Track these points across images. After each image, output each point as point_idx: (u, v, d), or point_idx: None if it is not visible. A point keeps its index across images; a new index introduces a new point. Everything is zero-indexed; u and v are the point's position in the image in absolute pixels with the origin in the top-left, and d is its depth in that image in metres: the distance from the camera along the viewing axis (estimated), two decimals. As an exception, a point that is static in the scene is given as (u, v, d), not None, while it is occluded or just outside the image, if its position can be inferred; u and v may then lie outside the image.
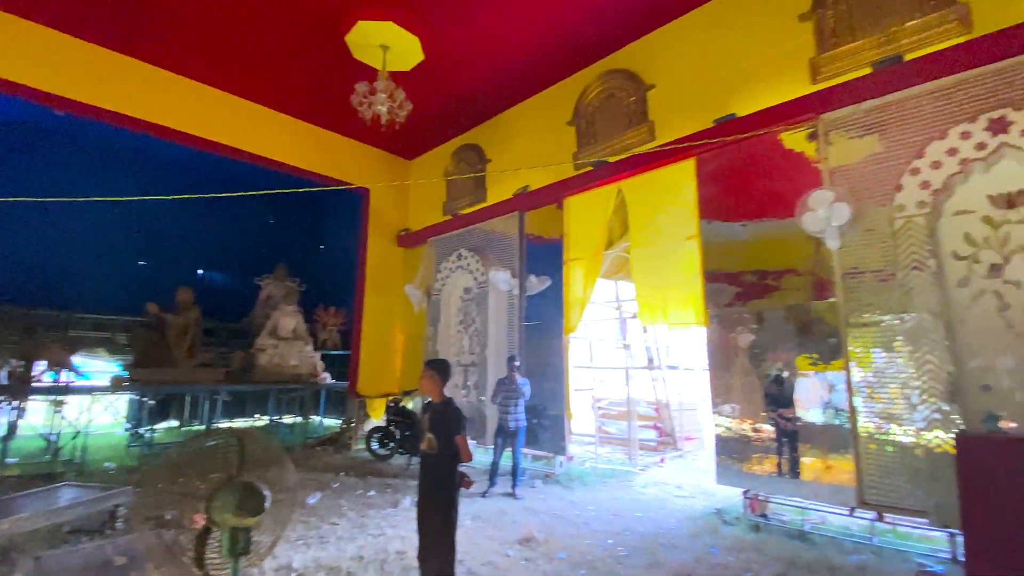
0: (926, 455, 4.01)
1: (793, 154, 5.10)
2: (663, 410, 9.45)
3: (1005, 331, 3.87)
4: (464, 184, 9.02)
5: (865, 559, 4.09)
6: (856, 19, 4.82)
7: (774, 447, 5.00)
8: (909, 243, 4.22)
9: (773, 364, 5.09)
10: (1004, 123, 3.89)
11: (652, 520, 5.27)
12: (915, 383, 4.13)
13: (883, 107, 4.55)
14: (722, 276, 5.48)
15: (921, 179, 4.21)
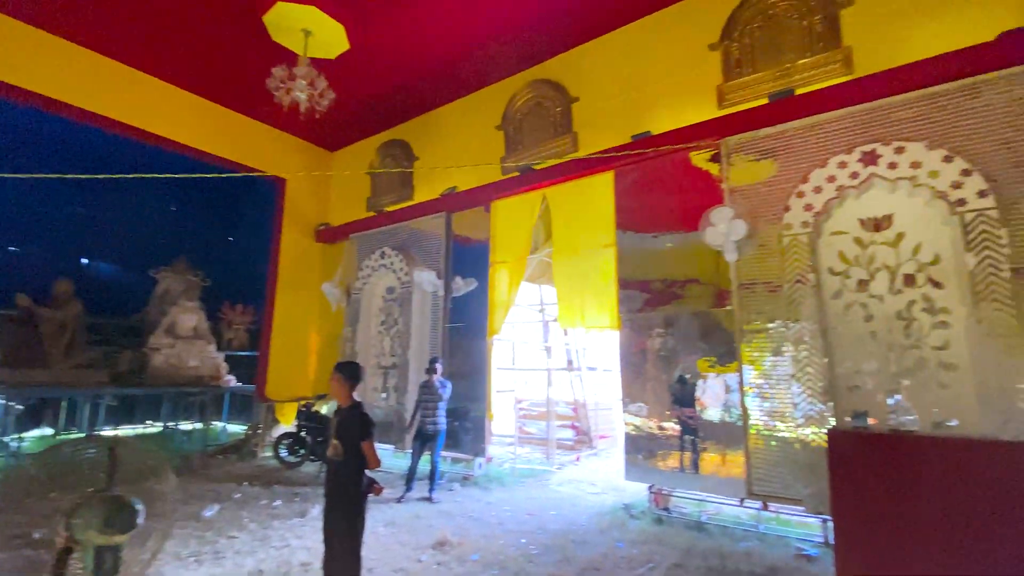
0: (804, 449, 4.47)
1: (700, 172, 5.50)
2: (580, 410, 9.77)
3: (870, 339, 4.43)
4: (390, 180, 8.79)
5: (752, 545, 4.48)
6: (757, 53, 5.30)
7: (677, 444, 5.34)
8: (794, 258, 4.70)
9: (678, 366, 5.44)
10: (874, 156, 4.45)
11: (565, 517, 5.42)
12: (797, 384, 4.59)
13: (777, 135, 5.04)
14: (634, 283, 5.78)
15: (805, 202, 4.70)
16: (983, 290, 3.89)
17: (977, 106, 4.18)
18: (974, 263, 3.94)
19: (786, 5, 5.16)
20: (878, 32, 4.68)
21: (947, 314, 4.13)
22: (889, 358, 4.31)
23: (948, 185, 4.10)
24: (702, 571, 3.97)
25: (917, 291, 4.27)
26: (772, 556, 4.23)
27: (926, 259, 4.28)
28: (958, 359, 4.06)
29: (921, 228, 4.32)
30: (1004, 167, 4.00)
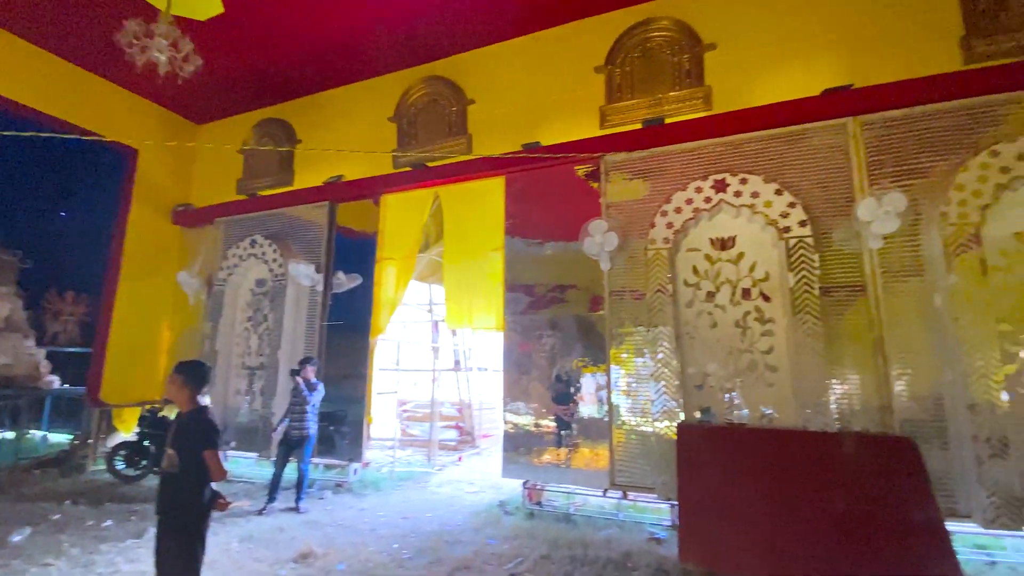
0: (658, 442, 4.95)
1: (583, 186, 5.84)
2: (465, 410, 9.83)
3: (714, 344, 5.04)
4: (267, 162, 8.08)
5: (612, 533, 4.85)
6: (636, 80, 5.78)
7: (552, 440, 5.61)
8: (656, 270, 5.20)
9: (557, 366, 5.71)
10: (724, 184, 5.09)
11: (440, 519, 5.40)
12: (655, 383, 5.07)
13: (649, 158, 5.54)
14: (520, 287, 5.97)
15: (667, 220, 5.23)
16: (800, 304, 4.64)
17: (803, 149, 4.98)
18: (794, 281, 4.68)
19: (661, 40, 5.70)
20: (733, 77, 5.37)
21: (773, 323, 4.86)
22: (728, 360, 4.95)
23: (778, 214, 4.83)
24: (567, 560, 4.20)
25: (751, 303, 4.97)
26: (628, 541, 4.62)
27: (760, 276, 4.99)
28: (780, 362, 4.79)
29: (757, 249, 5.03)
30: (820, 203, 4.82)
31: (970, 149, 4.36)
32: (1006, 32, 4.50)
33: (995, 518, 3.86)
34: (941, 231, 4.26)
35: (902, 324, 4.41)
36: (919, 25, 4.78)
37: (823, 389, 4.50)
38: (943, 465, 4.13)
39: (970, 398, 3.99)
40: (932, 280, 4.35)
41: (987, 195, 4.19)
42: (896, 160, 4.63)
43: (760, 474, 4.15)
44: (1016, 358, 4.10)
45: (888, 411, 4.34)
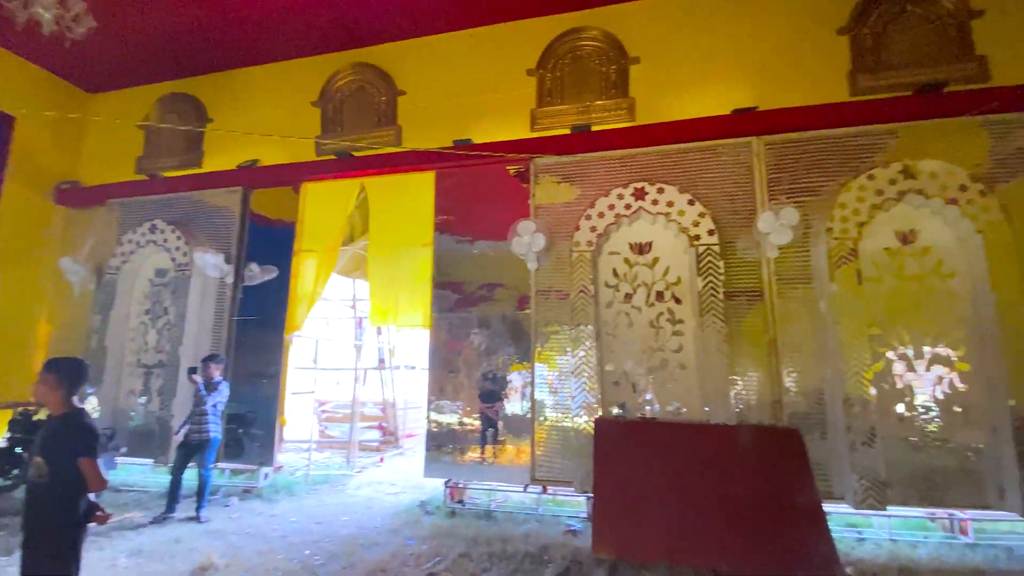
0: (576, 437, 5.11)
1: (514, 186, 5.90)
2: (389, 409, 9.59)
3: (631, 342, 5.30)
4: (172, 141, 7.39)
5: (531, 527, 4.94)
6: (566, 86, 5.93)
7: (477, 438, 5.62)
8: (580, 271, 5.37)
9: (484, 364, 5.72)
10: (643, 192, 5.36)
11: (357, 522, 5.23)
12: (576, 380, 5.24)
13: (576, 163, 5.71)
14: (448, 284, 5.93)
15: (591, 224, 5.42)
16: (706, 307, 4.99)
17: (714, 163, 5.36)
18: (701, 285, 5.03)
19: (591, 50, 5.90)
20: (654, 91, 5.66)
21: (683, 324, 5.20)
22: (643, 358, 5.23)
23: (690, 223, 5.17)
24: (485, 557, 4.22)
25: (664, 305, 5.28)
26: (546, 535, 4.73)
27: (672, 280, 5.32)
28: (688, 360, 5.13)
29: (670, 255, 5.36)
30: (726, 215, 5.21)
31: (852, 172, 4.92)
32: (886, 70, 5.12)
33: (864, 500, 4.38)
34: (827, 244, 4.77)
35: (792, 327, 4.89)
36: (815, 58, 5.31)
37: (726, 385, 4.87)
38: (823, 453, 4.63)
39: (845, 393, 4.51)
40: (818, 288, 4.87)
41: (864, 214, 4.74)
42: (792, 178, 5.12)
43: (668, 465, 4.41)
44: (883, 358, 4.69)
45: (779, 405, 4.79)
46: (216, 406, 5.37)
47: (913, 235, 4.83)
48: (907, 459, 4.52)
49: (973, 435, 4.46)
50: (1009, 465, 4.21)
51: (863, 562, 4.04)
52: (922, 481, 4.48)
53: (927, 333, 4.65)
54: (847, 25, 5.22)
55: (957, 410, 4.51)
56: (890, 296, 4.76)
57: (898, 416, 4.60)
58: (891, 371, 4.67)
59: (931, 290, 4.70)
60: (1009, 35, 4.85)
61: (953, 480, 4.44)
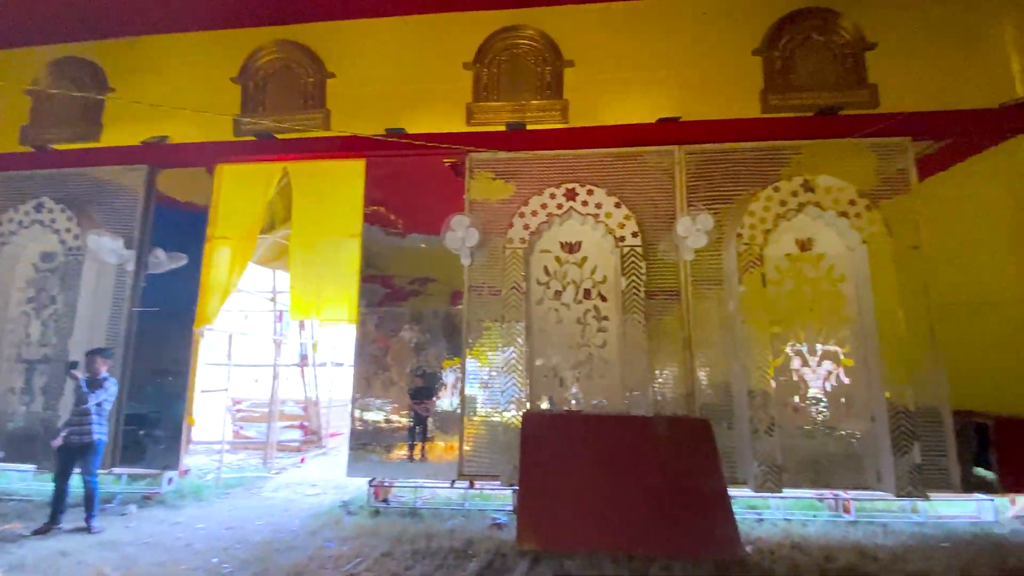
0: (505, 431, 5.17)
1: (448, 179, 5.84)
2: (311, 408, 9.18)
3: (558, 339, 5.43)
4: (66, 110, 6.57)
5: (457, 523, 4.93)
6: (502, 83, 5.95)
7: (405, 436, 5.50)
8: (512, 268, 5.43)
9: (415, 359, 5.62)
10: (574, 193, 5.50)
11: (273, 525, 4.96)
12: (507, 375, 5.29)
13: (511, 160, 5.75)
14: (377, 277, 5.76)
15: (524, 222, 5.49)
16: (629, 305, 5.22)
17: (639, 169, 5.61)
18: (625, 284, 5.26)
19: (527, 49, 5.95)
20: (587, 95, 5.82)
21: (607, 321, 5.41)
22: (570, 354, 5.38)
23: (616, 225, 5.38)
24: (408, 555, 4.16)
25: (591, 303, 5.47)
26: (472, 529, 4.74)
27: (599, 279, 5.51)
28: (611, 355, 5.34)
29: (598, 255, 5.55)
30: (649, 218, 5.47)
31: (761, 184, 5.34)
32: (792, 91, 5.59)
33: (763, 484, 4.79)
34: (736, 249, 5.15)
35: (705, 325, 5.25)
36: (733, 75, 5.70)
37: (645, 379, 5.12)
38: (729, 441, 5.00)
39: (750, 386, 4.90)
40: (728, 289, 5.25)
41: (769, 222, 5.17)
42: (709, 187, 5.48)
43: (590, 456, 4.58)
44: (783, 353, 5.15)
45: (692, 397, 5.11)
46: (101, 405, 4.86)
47: (810, 243, 5.34)
48: (801, 446, 4.99)
49: (855, 424, 5.01)
50: (885, 450, 4.77)
51: (761, 540, 4.42)
52: (813, 466, 4.96)
53: (819, 331, 5.16)
54: (760, 47, 5.65)
55: (842, 401, 5.05)
56: (789, 297, 5.24)
57: (794, 407, 5.07)
58: (789, 366, 5.14)
59: (824, 293, 5.23)
60: (897, 67, 5.47)
61: (839, 464, 4.96)
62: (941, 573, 3.65)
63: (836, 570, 3.75)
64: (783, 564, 3.85)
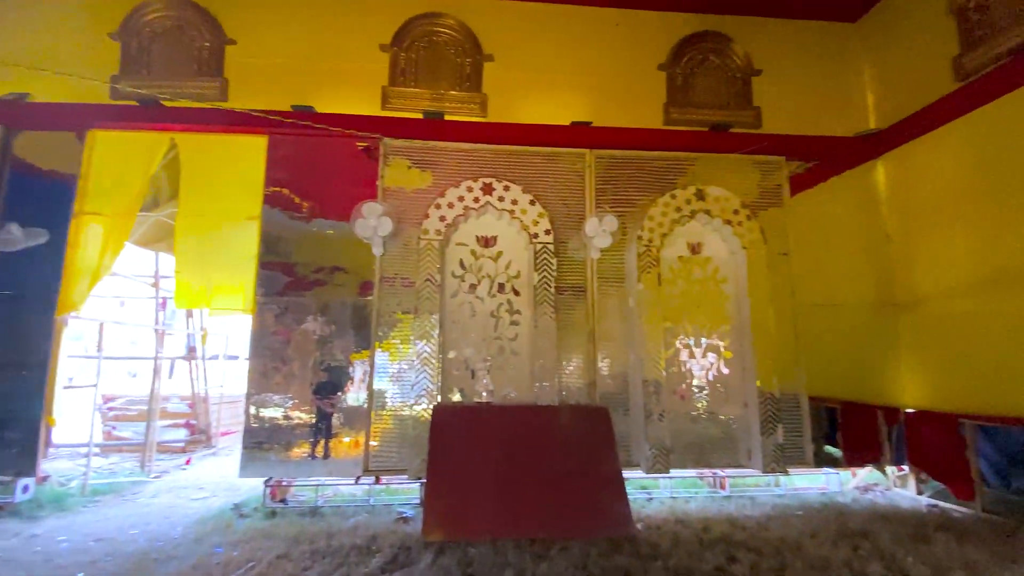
0: (414, 424, 5.13)
1: (361, 164, 5.62)
2: (199, 405, 8.43)
3: (472, 332, 5.49)
4: None
5: (361, 519, 4.82)
6: (420, 69, 5.83)
7: (306, 432, 5.24)
8: (427, 260, 5.37)
9: (320, 352, 5.36)
10: (491, 188, 5.56)
11: (151, 534, 4.52)
12: (419, 368, 5.24)
13: (428, 150, 5.67)
14: (278, 264, 5.40)
15: (441, 213, 5.45)
16: (540, 299, 5.41)
17: (554, 170, 5.80)
18: (537, 280, 5.43)
19: (447, 38, 5.89)
20: (505, 91, 5.88)
21: (519, 315, 5.55)
22: (482, 346, 5.46)
23: (531, 221, 5.53)
24: (307, 555, 4.00)
25: (504, 297, 5.58)
26: (376, 525, 4.66)
27: (513, 273, 5.64)
28: (522, 348, 5.50)
29: (513, 250, 5.67)
30: (561, 217, 5.69)
31: (660, 190, 5.77)
32: (691, 107, 6.07)
33: (653, 465, 5.21)
34: (637, 250, 5.53)
35: (608, 319, 5.59)
36: (641, 86, 6.06)
37: (553, 371, 5.34)
38: (625, 427, 5.38)
39: (644, 376, 5.31)
40: (629, 286, 5.62)
41: (666, 226, 5.62)
42: (615, 190, 5.81)
43: (497, 446, 4.70)
44: (673, 346, 5.63)
45: (593, 387, 5.42)
46: None
47: (699, 247, 5.88)
48: (686, 430, 5.51)
49: (731, 409, 5.62)
50: (755, 432, 5.41)
51: (650, 517, 4.82)
52: (696, 447, 5.50)
53: (704, 326, 5.72)
54: (665, 63, 6.08)
55: (721, 390, 5.64)
56: (680, 296, 5.74)
57: (681, 395, 5.58)
58: (678, 358, 5.64)
59: (709, 292, 5.79)
60: (777, 93, 6.14)
61: (717, 445, 5.54)
62: (795, 536, 4.24)
63: (711, 539, 4.19)
64: (667, 537, 4.24)
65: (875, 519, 4.68)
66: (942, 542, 4.00)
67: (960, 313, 5.09)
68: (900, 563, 3.68)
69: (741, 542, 4.11)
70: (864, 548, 3.93)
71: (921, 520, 4.60)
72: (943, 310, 5.27)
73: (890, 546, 3.95)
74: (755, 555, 3.87)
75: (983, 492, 4.90)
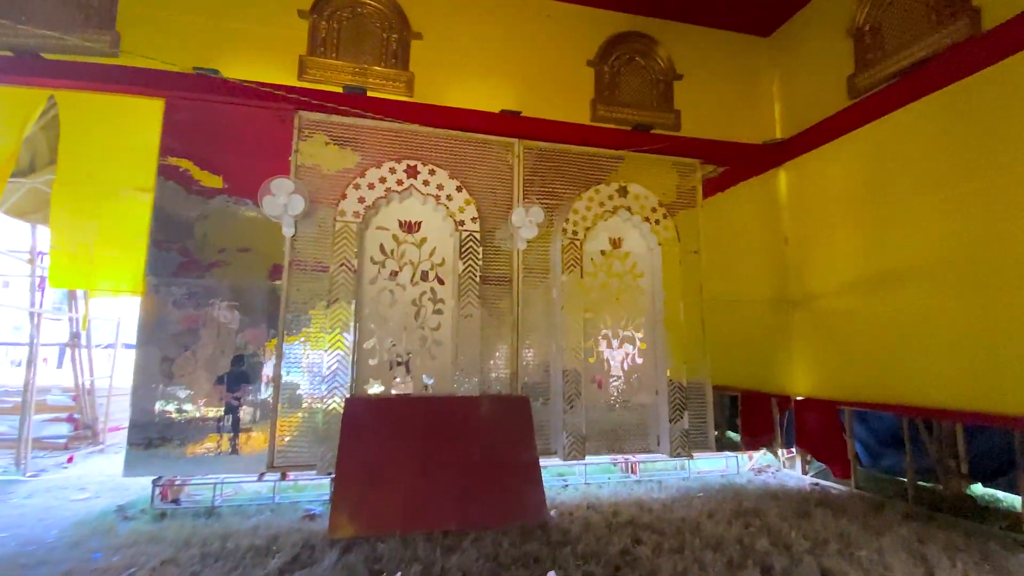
0: (325, 417, 4.88)
1: (272, 136, 5.21)
2: (84, 397, 7.56)
3: (392, 321, 5.30)
4: None
5: (263, 519, 4.53)
6: (342, 41, 5.51)
7: (203, 427, 4.82)
8: (343, 243, 5.11)
9: (218, 340, 4.94)
10: (415, 171, 5.38)
11: (22, 537, 3.99)
12: (333, 358, 4.98)
13: (348, 126, 5.36)
14: (173, 243, 4.89)
15: (360, 194, 5.20)
16: (465, 288, 5.33)
17: (482, 156, 5.71)
18: (462, 268, 5.35)
19: (373, 11, 5.60)
20: (433, 72, 5.70)
21: (443, 304, 5.44)
22: (402, 336, 5.30)
23: (457, 208, 5.42)
24: (197, 559, 3.68)
25: (427, 285, 5.44)
26: (280, 524, 4.39)
27: (437, 261, 5.51)
28: (445, 338, 5.40)
29: (438, 236, 5.53)
30: (487, 206, 5.62)
31: (586, 185, 5.87)
32: (617, 105, 6.21)
33: (569, 453, 5.34)
34: (561, 242, 5.60)
35: (532, 310, 5.62)
36: (570, 81, 6.11)
37: (476, 361, 5.30)
38: (545, 416, 5.46)
39: (564, 365, 5.41)
40: (553, 278, 5.69)
41: (590, 220, 5.73)
42: (543, 182, 5.83)
43: (413, 439, 4.59)
44: (593, 337, 5.78)
45: (516, 376, 5.45)
46: None
47: (620, 242, 6.06)
48: (602, 417, 5.69)
49: (644, 398, 5.87)
50: (663, 419, 5.68)
51: (564, 504, 4.94)
52: (610, 434, 5.70)
53: (621, 318, 5.92)
54: (594, 60, 6.17)
55: (635, 379, 5.88)
56: (601, 288, 5.90)
57: (598, 384, 5.75)
58: (597, 348, 5.80)
59: (627, 286, 6.00)
60: (695, 98, 6.44)
61: (630, 432, 5.77)
62: (695, 516, 4.50)
63: (619, 523, 4.36)
64: (578, 523, 4.35)
65: (766, 498, 5.10)
66: (820, 517, 4.43)
67: (843, 310, 5.62)
68: (784, 538, 4.02)
69: (647, 524, 4.31)
70: (755, 525, 4.26)
71: (804, 498, 5.08)
72: (829, 307, 5.81)
73: (777, 522, 4.31)
74: (658, 536, 4.07)
75: (857, 471, 5.48)
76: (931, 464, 5.00)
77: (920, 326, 4.79)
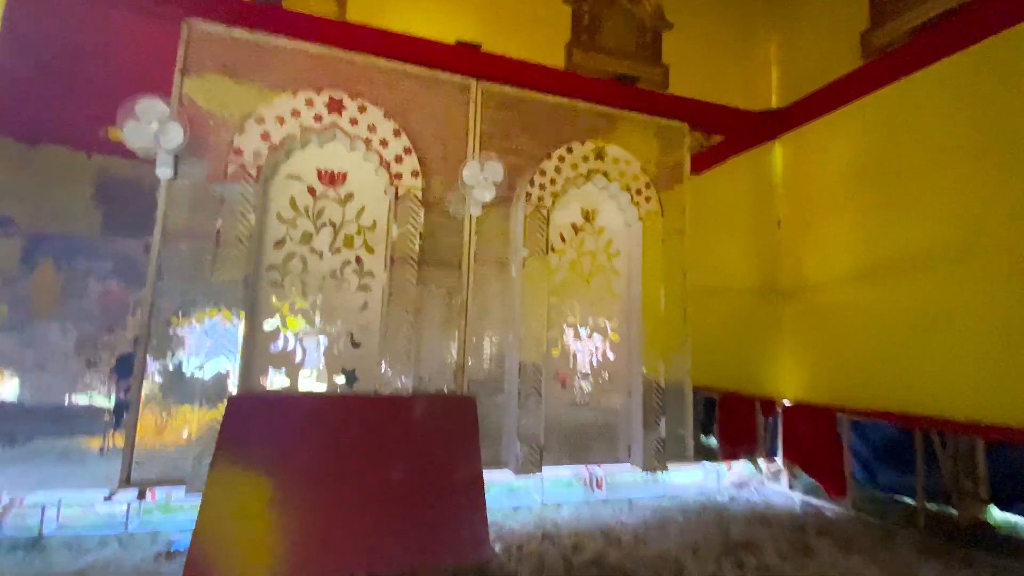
0: (201, 420, 3.69)
1: (142, 52, 3.93)
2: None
3: (301, 297, 4.14)
4: None
5: (107, 553, 3.32)
6: (252, -65, 4.24)
7: (28, 430, 3.55)
8: (240, 194, 3.89)
9: (51, 324, 3.66)
10: (340, 105, 4.22)
11: None
12: (214, 345, 3.78)
13: (254, 44, 4.13)
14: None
15: (264, 129, 4.00)
16: (400, 259, 4.23)
17: (430, 96, 4.60)
18: (397, 234, 4.24)
19: (294, -100, 4.36)
20: (374, -12, 4.54)
21: (371, 278, 4.33)
22: (315, 316, 4.15)
23: (393, 158, 4.30)
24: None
25: (352, 253, 4.30)
26: (124, 565, 3.20)
27: (367, 224, 4.37)
28: (372, 320, 4.30)
29: (368, 193, 4.40)
30: (434, 159, 4.53)
31: (556, 143, 4.86)
32: (596, 52, 5.24)
33: (523, 465, 4.38)
34: (524, 210, 4.57)
35: (485, 290, 4.58)
36: (541, 16, 5.11)
37: (412, 351, 4.23)
38: (496, 420, 4.45)
39: (521, 359, 4.41)
40: (513, 253, 4.66)
41: (559, 186, 4.73)
42: (503, 134, 4.78)
43: (319, 449, 3.47)
44: (557, 325, 4.80)
45: (462, 371, 4.41)
46: None
47: (594, 214, 5.09)
48: (564, 420, 4.74)
49: (615, 399, 4.96)
50: (637, 424, 4.79)
51: (514, 533, 3.93)
52: (573, 440, 4.76)
53: (592, 304, 4.97)
54: (572, -5, 5.16)
55: (605, 376, 4.95)
56: (569, 268, 4.92)
57: (561, 380, 4.78)
58: (562, 339, 4.82)
59: (600, 266, 5.04)
60: (688, 53, 5.54)
61: (596, 438, 4.85)
62: (675, 553, 3.61)
63: (581, 562, 3.40)
64: (530, 563, 3.36)
65: (754, 523, 4.27)
66: (825, 553, 3.62)
67: (840, 304, 4.88)
68: (786, 582, 3.17)
69: (616, 566, 3.37)
70: (749, 566, 3.40)
71: (799, 524, 4.28)
72: (825, 300, 5.06)
73: (776, 562, 3.46)
74: (631, 582, 3.14)
75: (853, 490, 4.76)
76: (942, 484, 4.31)
77: (934, 322, 4.06)
